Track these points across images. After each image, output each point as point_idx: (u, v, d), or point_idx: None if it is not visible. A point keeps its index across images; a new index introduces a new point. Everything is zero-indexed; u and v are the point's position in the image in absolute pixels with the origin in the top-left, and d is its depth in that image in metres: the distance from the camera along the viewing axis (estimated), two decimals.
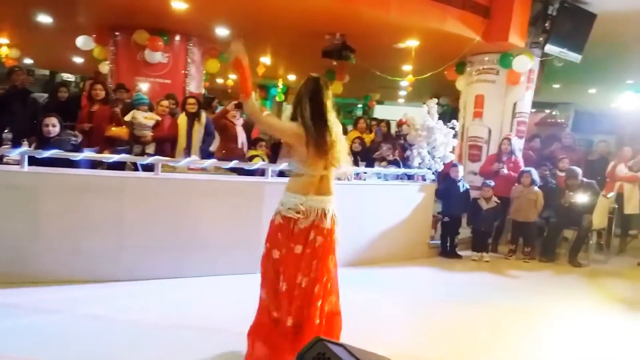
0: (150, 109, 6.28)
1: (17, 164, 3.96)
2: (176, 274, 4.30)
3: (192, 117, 6.15)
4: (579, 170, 6.38)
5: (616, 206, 6.87)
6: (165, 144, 6.14)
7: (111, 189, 4.14)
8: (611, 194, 6.78)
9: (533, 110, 8.63)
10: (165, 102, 6.35)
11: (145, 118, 5.94)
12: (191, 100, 6.27)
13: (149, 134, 5.96)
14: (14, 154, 4.01)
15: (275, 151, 6.80)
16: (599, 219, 6.27)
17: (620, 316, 4.37)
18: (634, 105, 11.19)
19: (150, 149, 6.02)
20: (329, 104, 2.61)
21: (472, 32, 6.35)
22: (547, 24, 6.47)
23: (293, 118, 2.64)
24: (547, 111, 13.74)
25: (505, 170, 6.45)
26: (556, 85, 11.04)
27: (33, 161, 3.99)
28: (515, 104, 7.12)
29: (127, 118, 5.91)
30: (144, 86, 7.39)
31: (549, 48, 6.56)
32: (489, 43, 6.53)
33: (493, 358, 3.30)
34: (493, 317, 4.09)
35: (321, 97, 2.59)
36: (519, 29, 6.41)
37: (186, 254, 4.37)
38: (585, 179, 6.34)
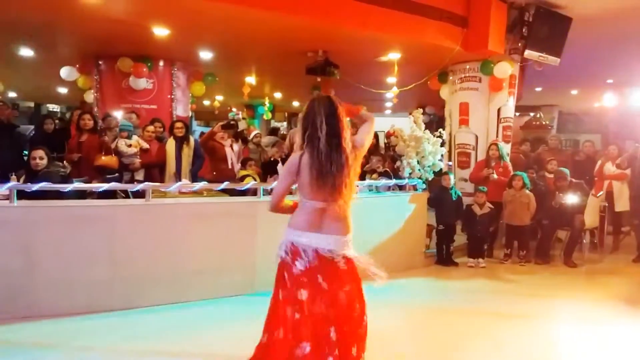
0: (138, 135, 6.26)
1: (7, 199, 3.92)
2: (172, 300, 4.26)
3: (181, 141, 6.16)
4: (567, 171, 6.45)
5: (606, 204, 6.94)
6: (154, 170, 6.13)
7: (102, 218, 4.11)
8: (600, 193, 6.85)
9: (517, 114, 8.75)
10: (151, 128, 6.34)
11: (128, 146, 5.90)
12: (178, 125, 6.29)
13: (136, 160, 5.93)
14: (3, 189, 3.97)
15: (265, 170, 6.81)
16: (590, 218, 6.32)
17: (621, 314, 4.38)
18: (616, 103, 11.39)
19: (140, 175, 5.99)
20: (346, 123, 2.42)
21: (452, 42, 6.46)
22: (524, 30, 6.59)
23: (305, 139, 2.39)
24: (532, 114, 13.92)
25: (495, 176, 6.50)
26: (538, 89, 11.21)
27: (23, 195, 3.96)
28: (499, 110, 7.22)
29: (114, 145, 5.89)
30: (118, 114, 7.19)
31: (528, 53, 6.67)
32: (469, 52, 6.64)
33: None
34: (493, 323, 4.08)
35: (337, 116, 2.38)
36: (497, 37, 6.53)
37: (181, 279, 4.33)
38: (574, 180, 6.41)
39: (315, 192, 2.38)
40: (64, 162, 5.28)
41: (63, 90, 11.58)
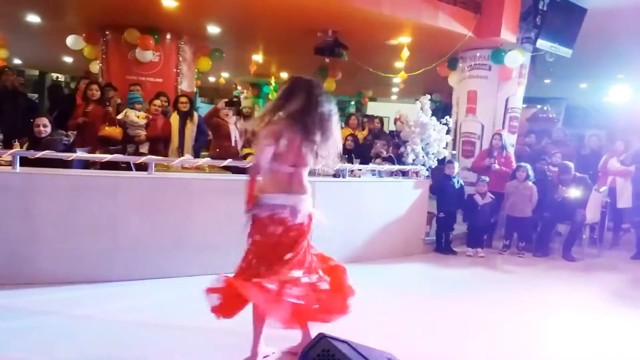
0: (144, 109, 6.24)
1: (10, 165, 3.91)
2: (171, 274, 4.28)
3: (185, 116, 6.13)
4: (571, 165, 6.41)
5: (609, 200, 6.91)
6: (159, 144, 6.11)
7: (105, 189, 4.11)
8: (603, 188, 6.82)
9: (524, 105, 8.68)
10: (157, 102, 6.31)
11: (137, 117, 5.90)
12: (183, 99, 6.25)
13: (142, 133, 5.92)
14: (6, 155, 3.96)
15: None
16: (591, 213, 6.31)
17: (614, 310, 4.40)
18: (625, 99, 11.28)
19: (144, 148, 5.98)
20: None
21: (464, 28, 6.37)
22: (537, 19, 6.51)
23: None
24: (539, 106, 13.80)
25: (496, 166, 6.46)
26: (547, 81, 11.10)
27: (25, 162, 3.95)
28: (507, 100, 7.15)
29: (120, 116, 5.87)
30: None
31: (540, 43, 6.59)
32: (481, 39, 6.55)
33: (489, 354, 3.32)
34: (488, 313, 4.10)
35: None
36: (510, 25, 6.44)
37: (181, 253, 4.35)
38: (577, 174, 6.38)
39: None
40: (68, 131, 5.25)
41: (68, 59, 11.49)
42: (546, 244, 6.37)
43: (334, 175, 4.96)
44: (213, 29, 7.50)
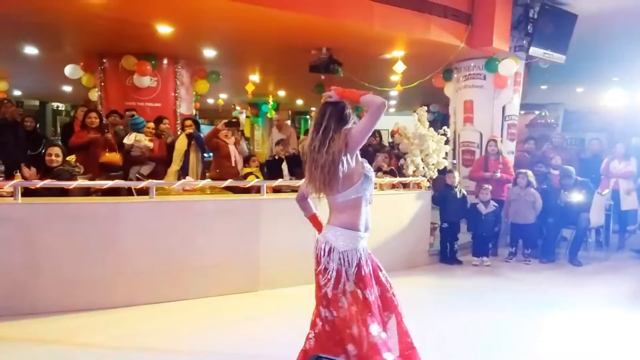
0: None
1: (11, 196, 3.93)
2: (175, 297, 4.27)
3: (190, 138, 6.23)
4: (572, 169, 6.41)
5: (612, 203, 6.89)
6: (157, 166, 6.17)
7: (106, 215, 4.12)
8: (606, 191, 6.80)
9: (522, 112, 8.70)
10: (150, 125, 6.39)
11: (148, 140, 6.06)
12: (188, 122, 6.39)
13: (150, 145, 6.06)
14: (7, 186, 3.99)
15: (270, 168, 6.82)
16: (596, 217, 6.28)
17: (626, 312, 4.36)
18: (622, 101, 11.31)
19: (145, 169, 6.03)
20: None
21: (456, 39, 6.42)
22: (529, 27, 6.56)
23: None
24: (537, 112, 13.82)
25: (498, 175, 6.41)
26: (543, 87, 11.14)
27: (31, 192, 4.00)
28: (504, 107, 7.17)
29: (129, 141, 5.92)
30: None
31: (533, 50, 6.63)
32: (474, 49, 6.60)
33: None
34: (499, 321, 4.06)
35: None
36: (502, 34, 6.48)
37: (184, 276, 4.34)
38: (579, 178, 6.37)
39: None
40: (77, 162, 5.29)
41: (67, 88, 11.60)
42: (552, 250, 6.33)
43: None
44: (209, 52, 7.58)
